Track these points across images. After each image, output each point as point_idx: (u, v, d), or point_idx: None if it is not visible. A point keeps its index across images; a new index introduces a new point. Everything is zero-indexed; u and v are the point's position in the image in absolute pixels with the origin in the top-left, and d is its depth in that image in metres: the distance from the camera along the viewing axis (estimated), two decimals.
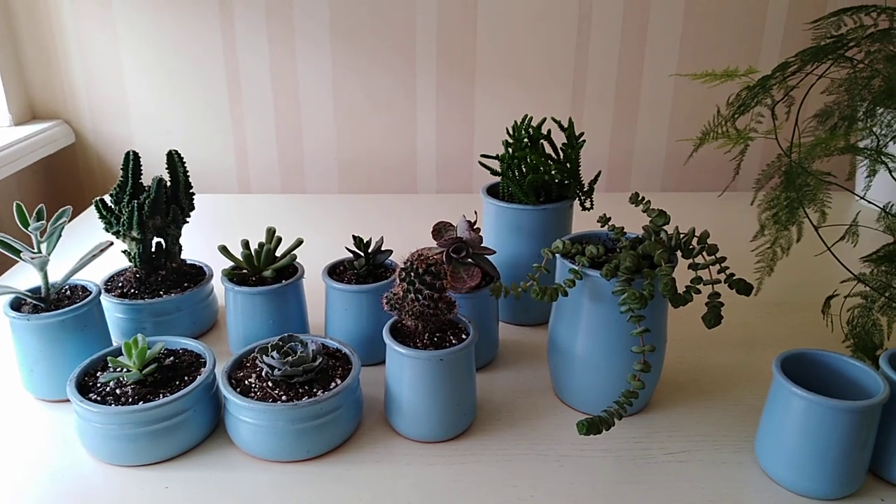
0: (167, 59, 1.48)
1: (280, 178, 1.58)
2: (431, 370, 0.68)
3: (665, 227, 0.72)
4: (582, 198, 0.90)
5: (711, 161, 1.56)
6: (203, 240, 1.20)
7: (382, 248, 0.86)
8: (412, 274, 0.67)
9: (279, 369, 0.69)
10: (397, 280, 0.69)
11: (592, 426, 0.65)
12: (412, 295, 0.68)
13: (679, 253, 0.72)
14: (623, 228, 0.74)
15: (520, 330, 0.93)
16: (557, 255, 0.73)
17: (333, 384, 0.70)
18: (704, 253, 0.70)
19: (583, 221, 0.94)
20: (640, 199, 0.70)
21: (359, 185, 1.59)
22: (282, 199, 1.50)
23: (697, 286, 0.68)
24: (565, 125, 0.88)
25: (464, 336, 0.72)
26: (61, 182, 1.58)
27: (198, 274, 0.94)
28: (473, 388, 0.73)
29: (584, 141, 0.85)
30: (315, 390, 0.69)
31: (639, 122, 1.55)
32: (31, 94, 1.51)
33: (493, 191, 0.94)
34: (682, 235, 0.71)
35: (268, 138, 1.54)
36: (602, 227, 0.75)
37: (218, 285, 0.95)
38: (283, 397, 0.68)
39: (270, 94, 1.50)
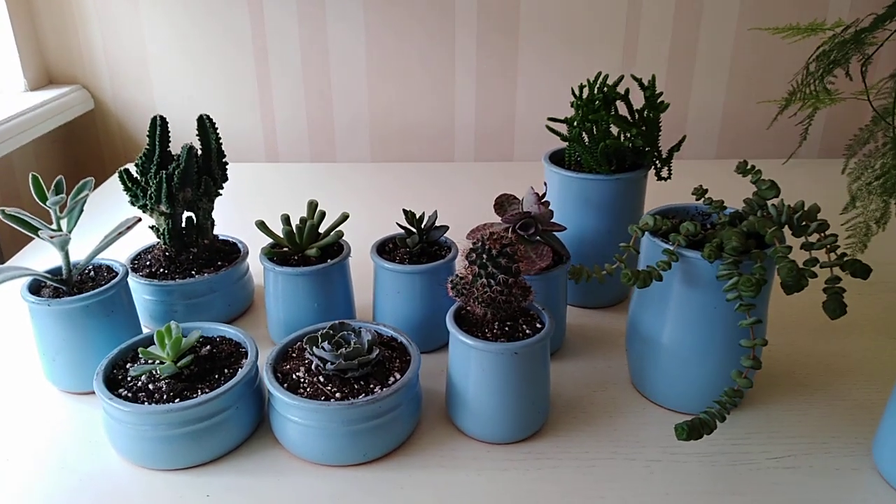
0: (190, 19, 1.38)
1: (310, 146, 1.49)
2: (504, 364, 0.60)
3: (773, 201, 0.62)
4: (659, 166, 0.80)
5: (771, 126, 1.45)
6: (231, 213, 1.12)
7: (437, 224, 0.77)
8: (484, 256, 0.58)
9: (332, 363, 0.60)
10: (464, 262, 0.61)
11: (693, 430, 0.56)
12: (483, 279, 0.59)
13: (789, 230, 0.62)
14: (723, 202, 0.64)
15: (586, 314, 0.85)
16: (646, 233, 0.63)
17: (392, 379, 0.62)
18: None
19: (652, 193, 0.84)
20: (748, 167, 0.60)
21: (393, 153, 1.50)
22: (312, 169, 1.41)
23: (812, 269, 0.59)
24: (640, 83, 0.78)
25: (538, 325, 0.63)
26: (80, 151, 1.50)
27: (231, 251, 0.86)
28: (548, 383, 0.64)
29: (667, 103, 0.75)
30: (372, 386, 0.61)
31: (694, 83, 1.43)
32: (48, 58, 1.43)
33: (555, 158, 0.84)
34: (790, 209, 0.62)
35: (297, 103, 1.45)
36: (697, 199, 0.66)
37: (254, 264, 0.87)
38: (337, 394, 0.60)
39: (299, 54, 1.40)
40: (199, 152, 0.79)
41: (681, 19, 1.36)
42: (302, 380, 0.62)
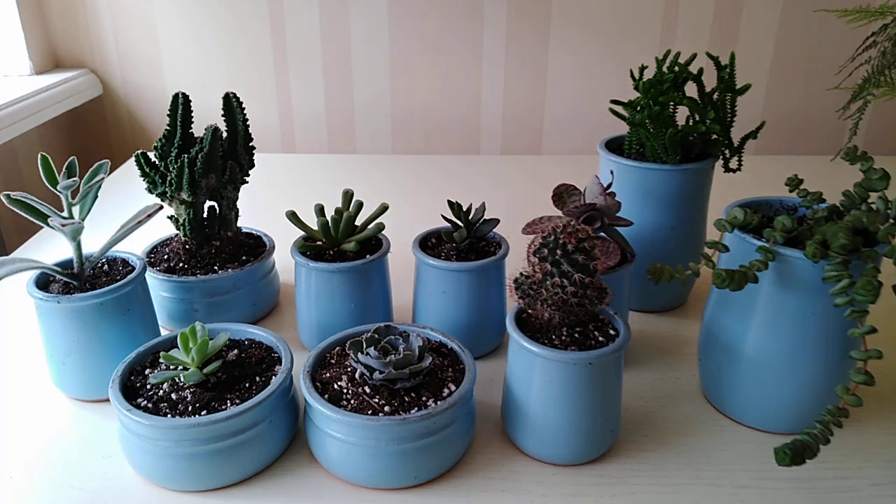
0: (204, 1, 1.31)
1: (328, 136, 1.42)
2: (576, 376, 0.53)
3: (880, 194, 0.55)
4: (728, 156, 0.73)
5: (812, 119, 1.38)
6: (245, 204, 1.05)
7: (486, 217, 0.70)
8: (558, 251, 0.51)
9: (380, 371, 0.53)
10: (532, 259, 0.53)
11: (796, 454, 0.49)
12: (556, 279, 0.52)
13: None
14: (821, 194, 0.57)
15: (643, 318, 0.77)
16: (735, 228, 0.56)
17: (446, 390, 0.55)
18: None
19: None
20: (859, 154, 0.53)
21: (414, 145, 1.42)
22: (330, 160, 1.34)
23: None
24: (707, 63, 0.71)
25: (611, 331, 0.56)
26: (87, 138, 1.43)
27: (256, 245, 0.78)
28: (620, 397, 0.57)
29: (748, 84, 0.68)
30: (425, 399, 0.54)
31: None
32: (55, 40, 1.35)
33: (611, 146, 0.77)
34: None
35: (315, 91, 1.38)
36: (791, 191, 0.58)
37: (280, 259, 0.80)
38: (386, 408, 0.53)
39: (318, 40, 1.33)
40: (225, 135, 0.72)
41: (721, 9, 1.29)
42: (345, 390, 0.55)
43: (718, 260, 0.60)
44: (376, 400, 0.53)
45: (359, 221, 0.71)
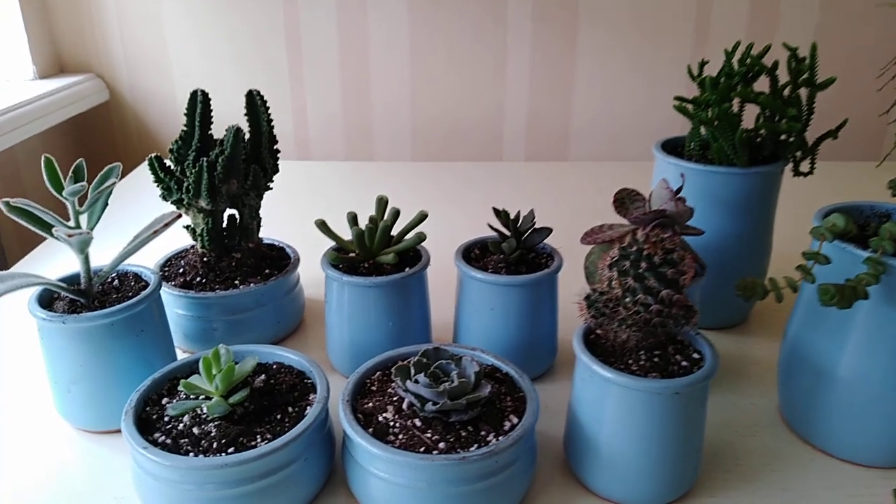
0: (214, 2, 1.25)
1: (345, 143, 1.36)
2: (660, 407, 0.46)
3: None
4: (798, 158, 0.67)
5: (850, 124, 1.31)
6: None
7: (536, 226, 0.63)
8: (642, 264, 0.44)
9: (433, 402, 0.46)
10: (608, 272, 0.47)
11: None
12: (640, 295, 0.45)
13: None
14: None
15: None
16: (835, 237, 0.50)
17: (507, 423, 0.48)
18: None
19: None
20: None
21: (435, 152, 1.36)
22: (347, 167, 1.28)
23: None
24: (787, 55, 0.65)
25: (694, 355, 0.49)
26: (92, 145, 1.36)
27: (279, 257, 0.72)
28: (704, 430, 0.50)
29: (833, 77, 0.62)
30: (483, 433, 0.47)
31: None
32: (59, 44, 1.29)
33: (667, 148, 0.71)
34: None
35: (331, 96, 1.31)
36: (893, 195, 0.52)
37: (303, 272, 0.73)
38: (441, 444, 0.46)
39: (336, 44, 1.27)
40: (247, 136, 0.65)
41: (756, 15, 1.23)
42: (391, 423, 0.48)
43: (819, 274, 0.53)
44: (429, 435, 0.46)
45: (394, 231, 0.64)
